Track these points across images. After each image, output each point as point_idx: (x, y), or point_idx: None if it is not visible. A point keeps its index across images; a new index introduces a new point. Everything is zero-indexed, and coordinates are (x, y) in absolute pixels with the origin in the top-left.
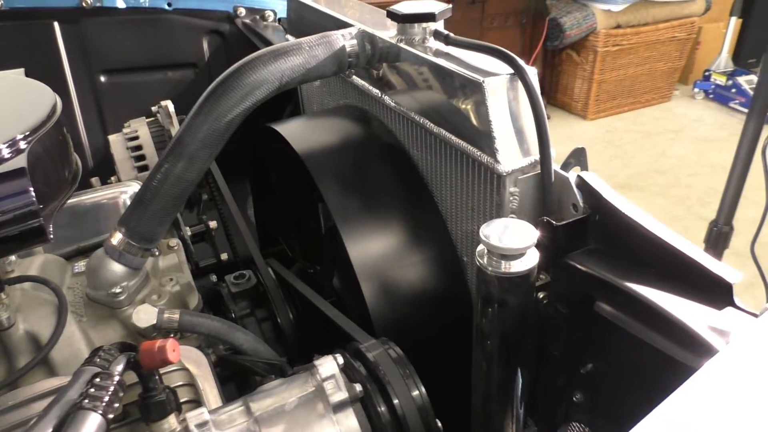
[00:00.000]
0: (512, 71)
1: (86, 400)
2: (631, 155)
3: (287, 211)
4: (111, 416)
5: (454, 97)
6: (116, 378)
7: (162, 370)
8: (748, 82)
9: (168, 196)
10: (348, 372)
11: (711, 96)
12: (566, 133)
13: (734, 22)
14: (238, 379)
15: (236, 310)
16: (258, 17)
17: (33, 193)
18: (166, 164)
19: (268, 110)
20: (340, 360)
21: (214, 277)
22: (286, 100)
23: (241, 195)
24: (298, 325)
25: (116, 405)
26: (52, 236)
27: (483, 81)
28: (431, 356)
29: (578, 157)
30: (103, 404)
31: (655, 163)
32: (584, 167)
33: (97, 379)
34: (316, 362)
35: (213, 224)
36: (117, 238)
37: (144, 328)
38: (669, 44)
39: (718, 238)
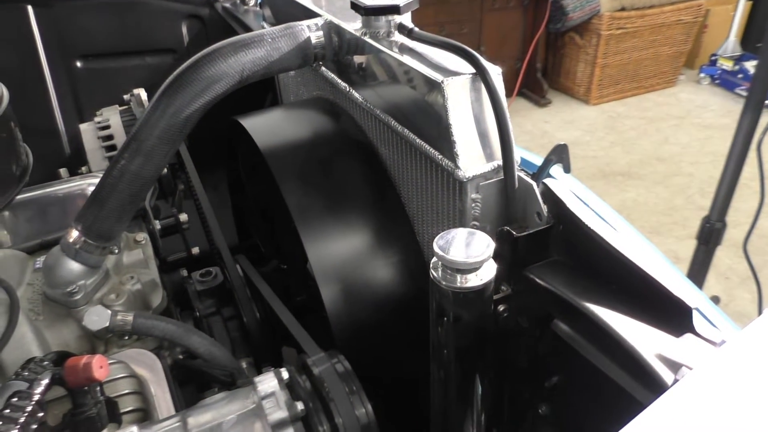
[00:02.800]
0: (474, 71)
1: (0, 422)
2: (632, 142)
3: (257, 205)
4: None
5: (416, 96)
6: (36, 397)
7: (106, 378)
8: (755, 67)
9: (125, 194)
10: (293, 387)
11: (717, 81)
12: (567, 119)
13: (743, 5)
14: (198, 383)
15: (201, 309)
16: (238, 1)
17: None
18: (123, 161)
19: (250, 99)
20: (285, 375)
21: (185, 272)
22: (265, 90)
23: (224, 183)
24: (264, 325)
25: (33, 426)
26: None
27: (443, 81)
28: (394, 362)
29: (560, 154)
30: (17, 427)
31: (657, 150)
32: (566, 165)
33: (15, 399)
34: (256, 378)
35: (183, 217)
36: (73, 235)
37: (96, 331)
38: (675, 27)
39: (710, 235)
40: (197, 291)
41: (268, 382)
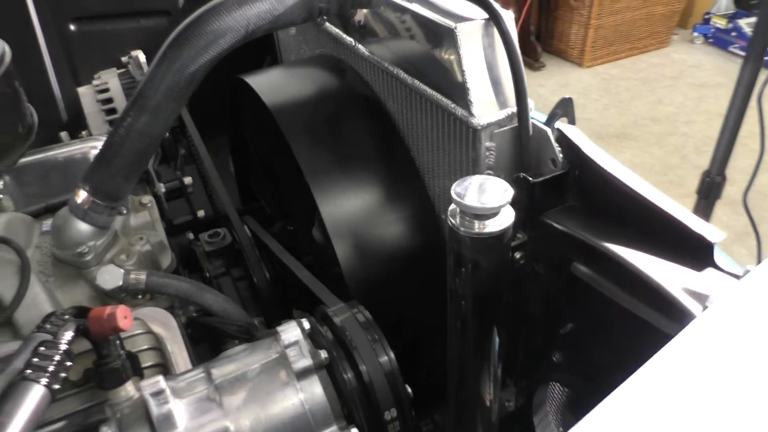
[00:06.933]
0: (487, 17)
1: (29, 371)
2: (627, 103)
3: (262, 166)
4: (56, 387)
5: (427, 45)
6: (63, 347)
7: (125, 334)
8: (749, 25)
9: (132, 152)
10: (314, 337)
11: (711, 40)
12: (561, 82)
13: None
14: (212, 340)
15: (210, 269)
16: None
17: None
18: (129, 118)
19: (247, 61)
20: (306, 325)
21: (191, 235)
22: (264, 50)
23: (224, 149)
24: (274, 284)
25: (62, 375)
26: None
27: (455, 27)
28: (407, 315)
29: (565, 108)
30: (47, 375)
31: (652, 111)
32: (571, 118)
33: (42, 348)
34: (279, 328)
35: (188, 180)
36: (81, 196)
37: (109, 290)
38: None
39: (710, 189)
40: (206, 252)
41: (291, 332)
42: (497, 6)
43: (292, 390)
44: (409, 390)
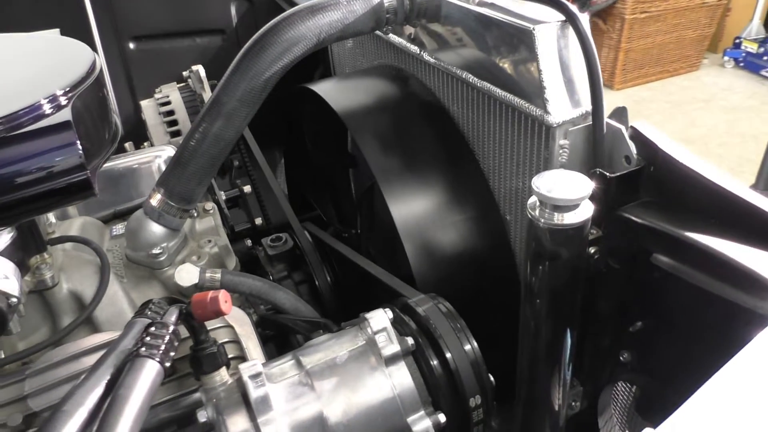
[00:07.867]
0: (563, 18)
1: (143, 348)
2: (659, 125)
3: (322, 174)
4: (167, 365)
5: (501, 48)
6: (171, 327)
7: (208, 326)
8: None
9: (206, 156)
10: (398, 326)
11: (741, 64)
12: None
13: None
14: (277, 340)
15: (274, 273)
16: None
17: (80, 146)
18: (204, 123)
19: (297, 73)
20: (390, 314)
21: (248, 242)
22: (315, 63)
23: (270, 163)
24: (335, 287)
25: (172, 354)
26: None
27: (533, 29)
28: (472, 317)
29: (619, 117)
30: (160, 352)
31: (684, 132)
32: (625, 127)
33: (152, 329)
34: (367, 315)
35: (247, 189)
36: (156, 198)
37: (186, 287)
38: (699, 11)
39: None
40: (269, 255)
41: (379, 318)
42: (573, 8)
43: (381, 375)
44: (492, 379)
